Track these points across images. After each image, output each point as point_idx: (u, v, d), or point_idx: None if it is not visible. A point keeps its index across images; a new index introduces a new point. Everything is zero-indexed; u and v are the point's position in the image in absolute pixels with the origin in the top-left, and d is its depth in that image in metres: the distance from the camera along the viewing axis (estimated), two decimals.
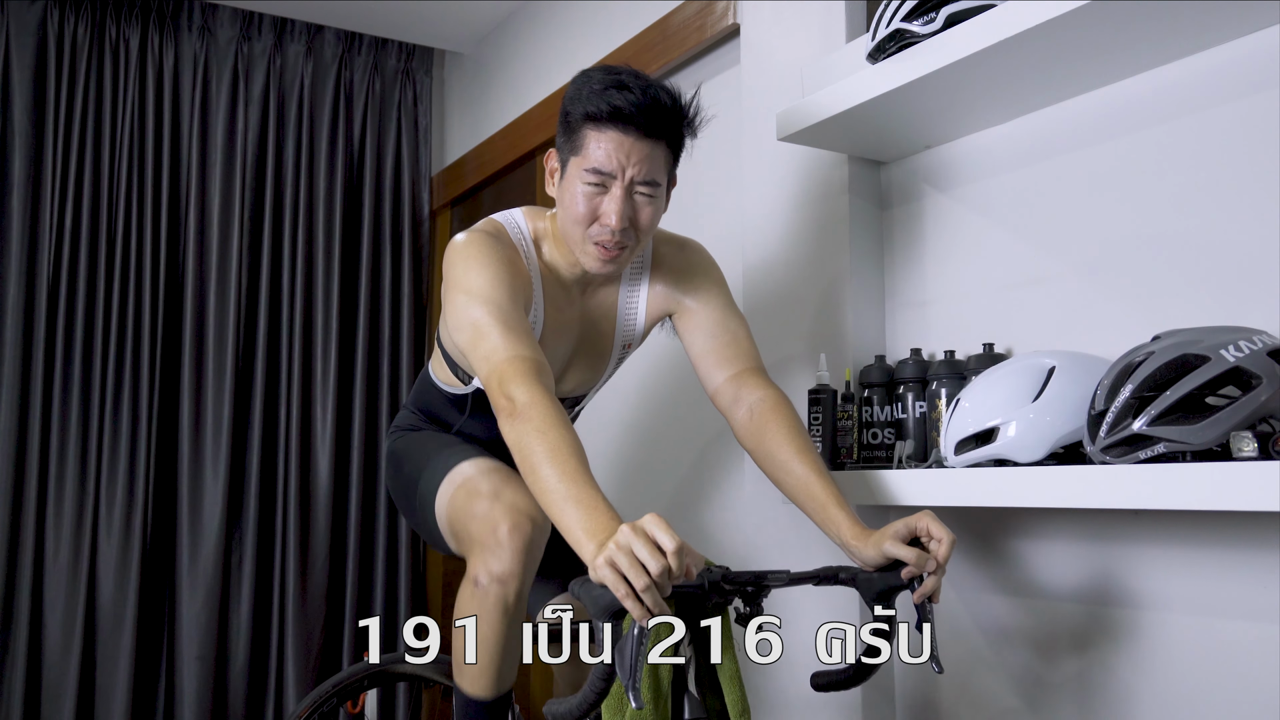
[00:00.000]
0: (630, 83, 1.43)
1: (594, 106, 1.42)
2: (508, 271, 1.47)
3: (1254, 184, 1.36)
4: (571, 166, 1.47)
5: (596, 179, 1.44)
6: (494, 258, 1.47)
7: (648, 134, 1.43)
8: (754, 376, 1.60)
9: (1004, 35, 1.38)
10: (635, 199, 1.46)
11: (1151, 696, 1.46)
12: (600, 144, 1.43)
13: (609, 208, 1.45)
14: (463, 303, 1.44)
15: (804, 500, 1.48)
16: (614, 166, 1.43)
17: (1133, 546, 1.49)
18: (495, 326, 1.39)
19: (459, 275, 1.47)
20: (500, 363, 1.35)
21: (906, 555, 1.33)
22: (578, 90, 1.46)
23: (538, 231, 1.60)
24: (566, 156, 1.48)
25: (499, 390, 1.33)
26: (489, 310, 1.41)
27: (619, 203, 1.44)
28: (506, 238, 1.56)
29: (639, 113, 1.41)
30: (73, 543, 2.99)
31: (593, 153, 1.43)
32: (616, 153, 1.43)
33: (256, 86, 3.37)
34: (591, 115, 1.42)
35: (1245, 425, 1.17)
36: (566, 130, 1.48)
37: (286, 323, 3.33)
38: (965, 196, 1.78)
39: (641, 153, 1.44)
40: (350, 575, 3.31)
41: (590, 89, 1.43)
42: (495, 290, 1.43)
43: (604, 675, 1.14)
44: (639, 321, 1.69)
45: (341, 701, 1.83)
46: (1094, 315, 1.56)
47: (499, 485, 1.48)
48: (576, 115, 1.44)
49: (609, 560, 1.10)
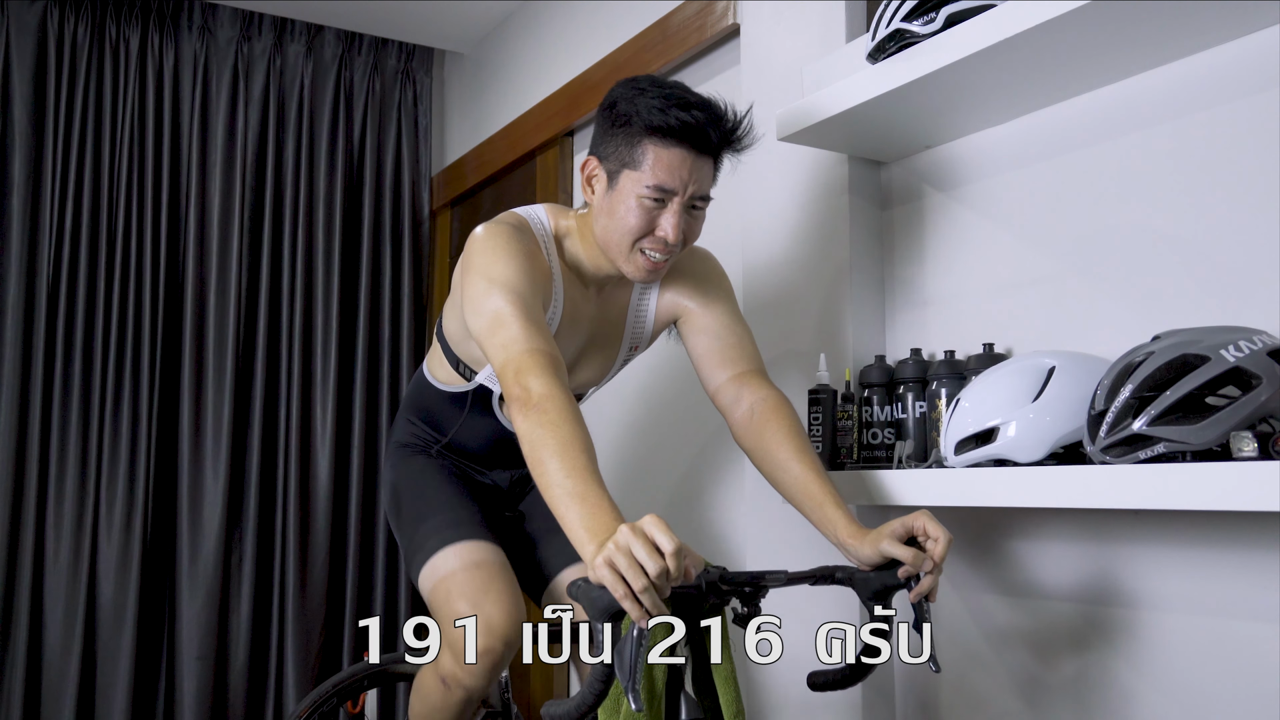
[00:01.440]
0: (693, 99, 1.43)
1: (661, 120, 1.40)
2: (530, 264, 1.47)
3: (1254, 184, 1.36)
4: (627, 179, 1.45)
5: (658, 195, 1.44)
6: (518, 250, 1.47)
7: (709, 151, 1.44)
8: (756, 377, 1.61)
9: (1004, 35, 1.38)
10: (691, 212, 1.48)
11: (1151, 697, 1.46)
12: (664, 160, 1.42)
13: (668, 223, 1.46)
14: (484, 289, 1.43)
15: (801, 499, 1.49)
16: (677, 184, 1.43)
17: (1132, 546, 1.49)
18: (517, 317, 1.38)
19: (483, 263, 1.46)
20: (519, 353, 1.35)
21: (903, 554, 1.33)
22: (633, 101, 1.43)
23: (560, 229, 1.60)
24: (619, 167, 1.46)
25: (515, 380, 1.33)
26: (510, 300, 1.40)
27: (677, 217, 1.45)
28: (530, 232, 1.55)
29: (706, 127, 1.42)
30: (73, 543, 3.00)
31: (656, 169, 1.42)
32: (680, 169, 1.43)
33: (256, 86, 3.37)
34: (658, 129, 1.41)
35: (1245, 425, 1.17)
36: (622, 141, 1.45)
37: (286, 323, 3.33)
38: (965, 196, 1.78)
39: (702, 169, 1.45)
40: (350, 575, 3.31)
41: (651, 102, 1.42)
42: (518, 281, 1.43)
43: (603, 676, 1.14)
44: (648, 325, 1.71)
45: (341, 701, 1.83)
46: (1094, 315, 1.56)
47: (479, 595, 1.51)
48: (638, 127, 1.42)
49: (608, 560, 1.10)
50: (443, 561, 1.57)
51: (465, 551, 1.57)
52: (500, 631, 1.49)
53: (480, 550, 1.58)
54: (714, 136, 1.43)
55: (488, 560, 1.56)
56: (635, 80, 1.48)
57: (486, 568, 1.55)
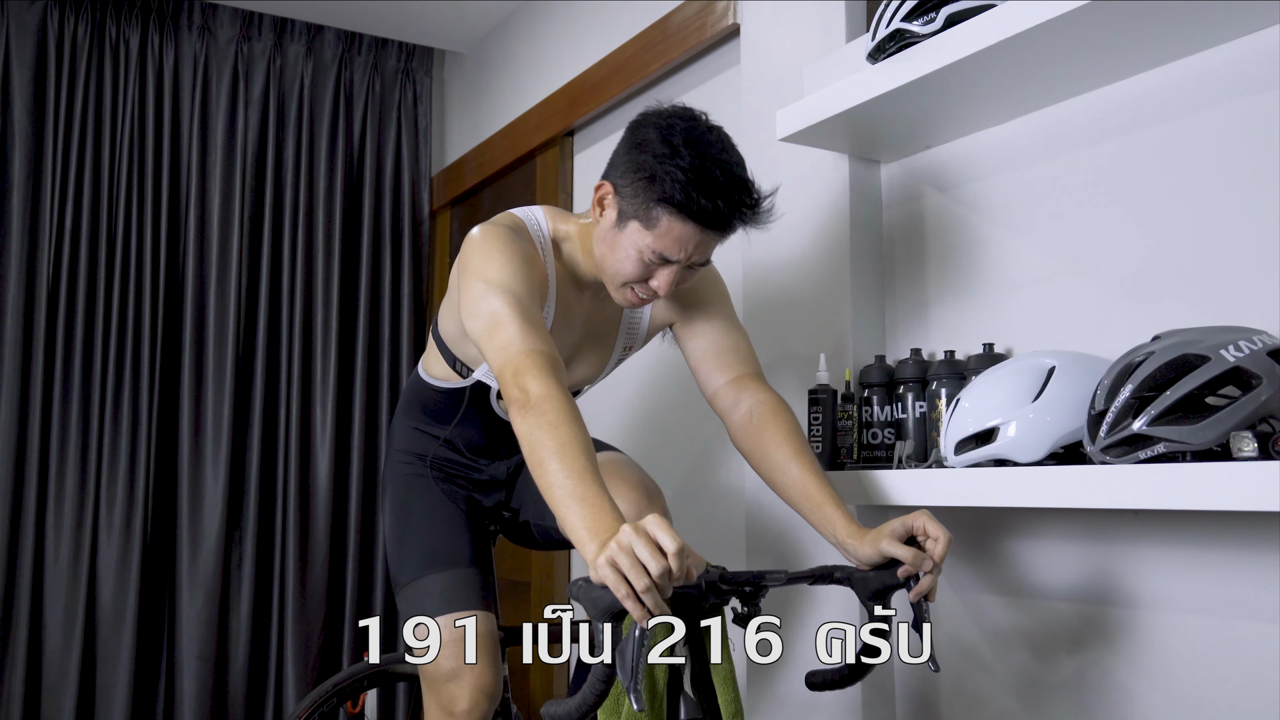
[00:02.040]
0: (722, 178, 1.39)
1: (682, 200, 1.38)
2: (526, 266, 1.47)
3: (1254, 184, 1.36)
4: (635, 230, 1.44)
5: (661, 259, 1.44)
6: (515, 252, 1.47)
7: (723, 233, 1.44)
8: (754, 381, 1.62)
9: (1004, 35, 1.38)
10: (687, 271, 1.48)
11: (1151, 697, 1.46)
12: (675, 235, 1.41)
13: (662, 281, 1.46)
14: (481, 291, 1.43)
15: (800, 500, 1.49)
16: (682, 255, 1.44)
17: (1132, 546, 1.49)
18: (514, 318, 1.38)
19: (479, 264, 1.46)
20: (517, 354, 1.35)
21: (902, 554, 1.33)
22: (660, 163, 1.39)
23: (558, 233, 1.60)
24: (631, 213, 1.44)
25: (513, 381, 1.33)
26: (508, 301, 1.40)
27: (674, 276, 1.46)
28: (526, 234, 1.55)
29: (721, 218, 1.41)
30: (73, 543, 2.99)
31: (664, 239, 1.42)
32: (688, 245, 1.43)
33: (256, 86, 3.37)
34: (673, 203, 1.39)
35: (1245, 425, 1.17)
36: (638, 189, 1.42)
37: (286, 323, 3.33)
38: (965, 196, 1.78)
39: (710, 242, 1.45)
40: (350, 575, 3.32)
41: (676, 173, 1.38)
42: (515, 282, 1.43)
43: (604, 676, 1.14)
44: (642, 328, 1.71)
45: (341, 701, 1.83)
46: (1094, 315, 1.56)
47: (461, 665, 1.60)
48: (658, 193, 1.39)
49: (610, 560, 1.10)
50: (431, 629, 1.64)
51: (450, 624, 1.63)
52: (485, 688, 1.60)
53: (458, 609, 1.64)
54: (733, 225, 1.43)
55: (475, 633, 1.63)
56: (670, 128, 1.41)
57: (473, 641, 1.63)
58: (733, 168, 1.42)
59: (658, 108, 1.48)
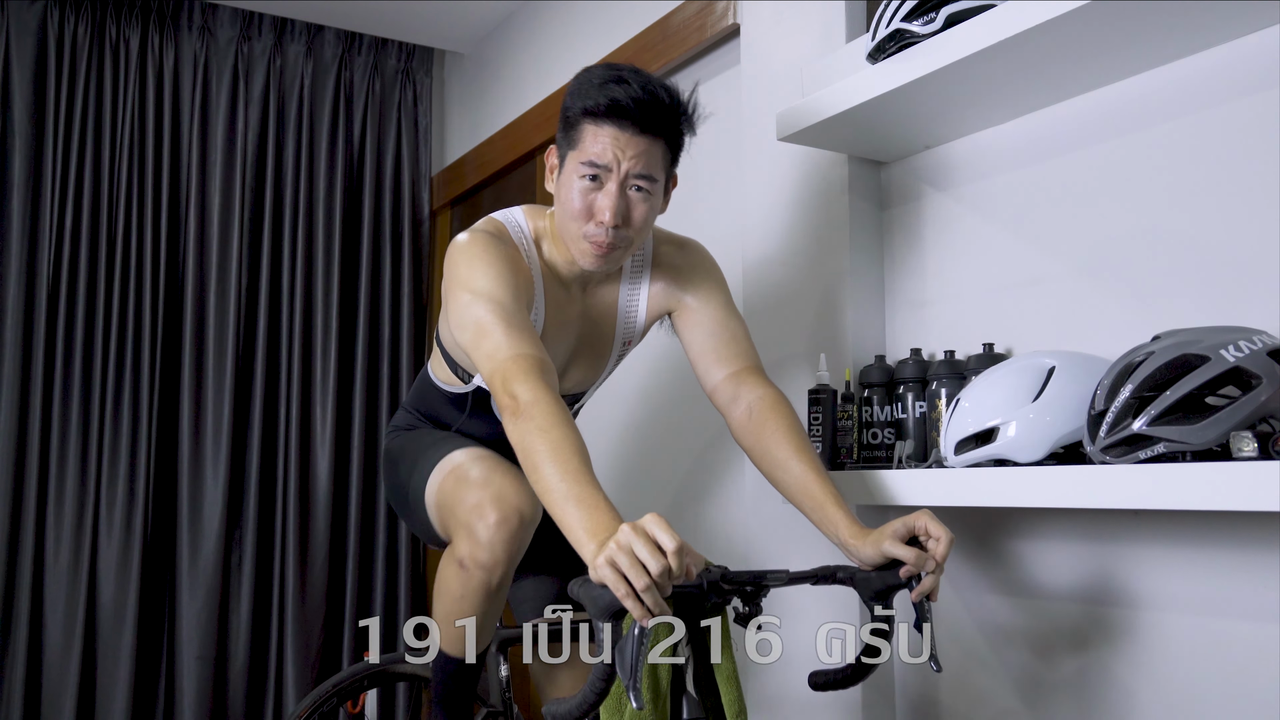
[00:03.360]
0: (629, 78, 1.44)
1: (592, 101, 1.43)
2: (510, 270, 1.47)
3: (1254, 184, 1.36)
4: (569, 161, 1.48)
5: (592, 172, 1.45)
6: (496, 256, 1.48)
7: (645, 129, 1.44)
8: (754, 375, 1.61)
9: (1004, 35, 1.38)
10: (630, 195, 1.47)
11: (1151, 696, 1.46)
12: (597, 138, 1.44)
13: (603, 203, 1.45)
14: (466, 301, 1.44)
15: (802, 499, 1.48)
16: (609, 159, 1.44)
17: (1133, 546, 1.49)
18: (498, 325, 1.39)
19: (462, 274, 1.47)
20: (504, 361, 1.35)
21: (904, 554, 1.33)
22: (578, 86, 1.48)
23: (538, 230, 1.60)
24: (565, 151, 1.49)
25: (502, 389, 1.33)
26: (492, 309, 1.41)
27: (613, 198, 1.45)
28: (508, 236, 1.56)
29: (636, 106, 1.42)
30: (73, 543, 2.99)
31: (589, 146, 1.44)
32: (613, 146, 1.44)
33: (256, 86, 3.37)
34: (590, 110, 1.44)
35: (1245, 425, 1.17)
36: (565, 125, 1.49)
37: (286, 323, 3.34)
38: (965, 196, 1.78)
39: (638, 147, 1.44)
40: (350, 575, 3.31)
41: (590, 84, 1.45)
42: (498, 288, 1.43)
43: (604, 675, 1.14)
44: (639, 319, 1.69)
45: (341, 701, 1.83)
46: (1094, 315, 1.56)
47: (488, 473, 1.49)
48: (575, 110, 1.46)
49: (609, 560, 1.10)
50: (446, 461, 1.57)
51: (472, 451, 1.57)
52: (514, 502, 1.44)
53: (487, 451, 1.59)
54: (646, 113, 1.43)
55: (495, 456, 1.57)
56: (590, 67, 1.51)
57: (491, 458, 1.56)
58: (644, 72, 1.47)
59: None
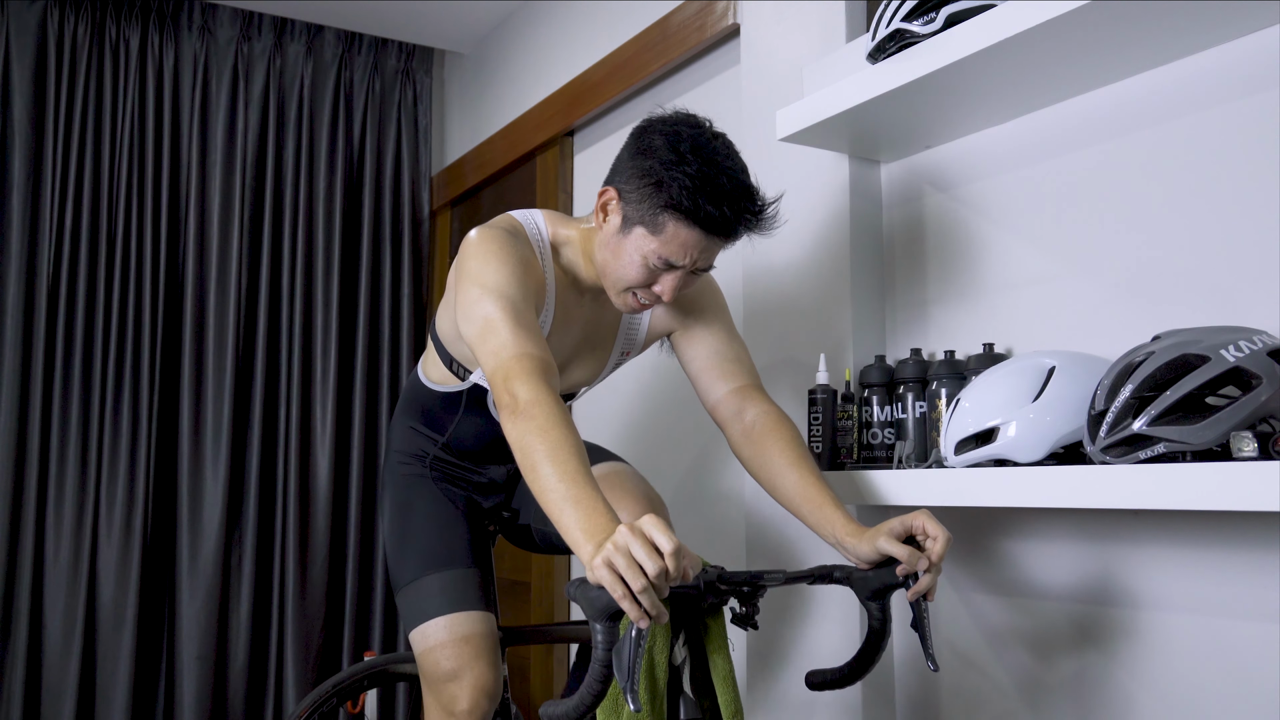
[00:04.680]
0: (728, 186, 1.39)
1: (689, 206, 1.38)
2: (522, 269, 1.47)
3: (1254, 184, 1.36)
4: (640, 235, 1.44)
5: (666, 265, 1.44)
6: (510, 255, 1.47)
7: (727, 239, 1.44)
8: (755, 392, 1.63)
9: (1004, 35, 1.38)
10: (691, 276, 1.48)
11: (1151, 697, 1.46)
12: (680, 240, 1.42)
13: (667, 285, 1.47)
14: (476, 295, 1.43)
15: (799, 503, 1.49)
16: (687, 261, 1.44)
17: (1133, 546, 1.49)
18: (506, 322, 1.38)
19: (474, 268, 1.46)
20: (507, 359, 1.35)
21: (900, 553, 1.33)
22: (667, 170, 1.39)
23: (557, 237, 1.59)
24: (636, 218, 1.44)
25: (503, 386, 1.33)
26: (501, 305, 1.40)
27: (678, 281, 1.46)
28: (524, 237, 1.55)
29: (727, 225, 1.41)
30: (73, 543, 3.00)
31: (669, 244, 1.42)
32: (694, 249, 1.43)
33: (256, 86, 3.37)
34: (680, 209, 1.39)
35: (1245, 425, 1.17)
36: (644, 195, 1.42)
37: (286, 323, 3.33)
38: (965, 196, 1.78)
39: (715, 248, 1.46)
40: (350, 575, 3.32)
41: (682, 180, 1.38)
42: (509, 286, 1.43)
43: (601, 677, 1.14)
44: (640, 335, 1.72)
45: (341, 701, 1.83)
46: (1094, 315, 1.56)
47: (462, 665, 1.60)
48: (664, 199, 1.40)
49: (606, 561, 1.10)
50: (433, 631, 1.63)
51: (455, 625, 1.62)
52: (486, 688, 1.60)
53: (468, 623, 1.63)
54: (738, 231, 1.43)
55: (475, 633, 1.63)
56: (677, 135, 1.42)
57: (474, 641, 1.62)
58: (738, 174, 1.42)
59: (662, 114, 1.48)
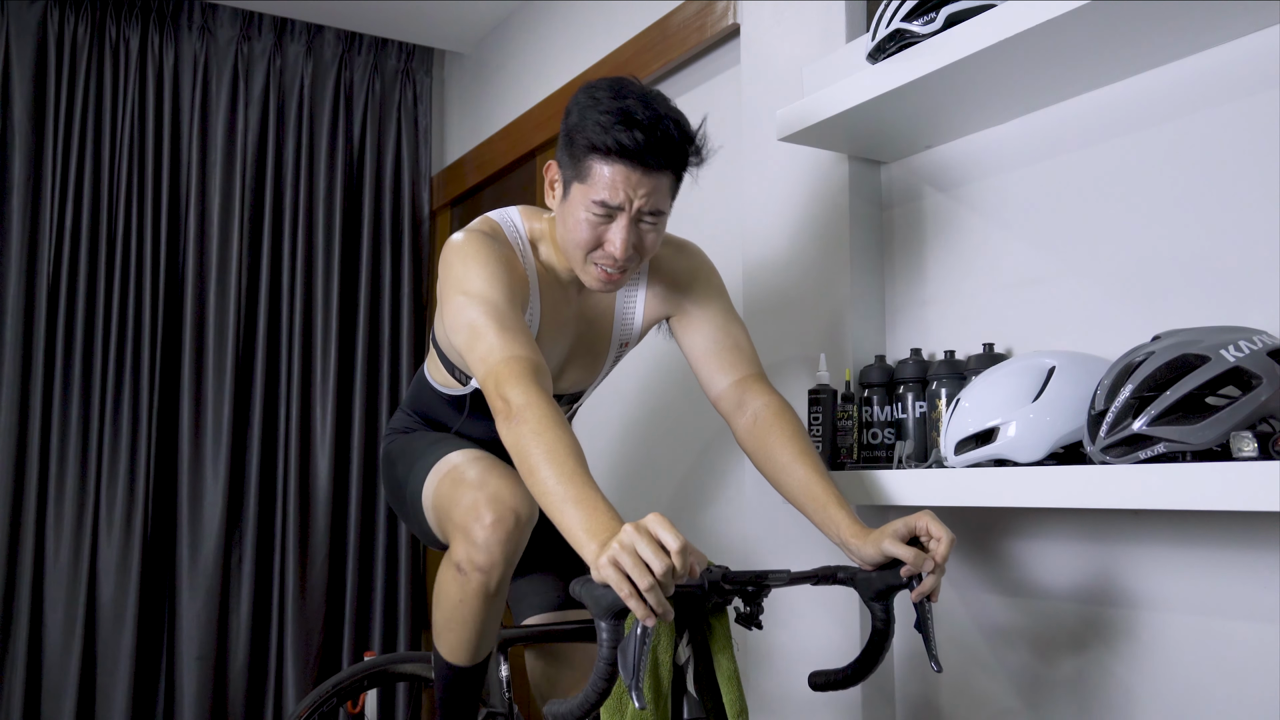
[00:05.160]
0: (639, 114, 1.38)
1: (600, 139, 1.38)
2: (504, 270, 1.46)
3: (1254, 184, 1.37)
4: (576, 191, 1.44)
5: (603, 210, 1.42)
6: (489, 257, 1.46)
7: (655, 168, 1.41)
8: (758, 382, 1.61)
9: (1004, 35, 1.38)
10: (640, 226, 1.45)
11: (1151, 696, 1.46)
12: (607, 177, 1.40)
13: (614, 237, 1.44)
14: (460, 304, 1.43)
15: (804, 501, 1.49)
16: (621, 200, 1.41)
17: (1133, 546, 1.49)
18: (491, 327, 1.38)
19: (456, 276, 1.46)
20: (496, 364, 1.34)
21: (904, 554, 1.33)
22: (583, 114, 1.41)
23: (534, 232, 1.59)
24: (570, 177, 1.44)
25: (495, 392, 1.33)
26: (485, 311, 1.39)
27: (624, 232, 1.43)
28: (503, 236, 1.55)
29: (646, 149, 1.39)
30: (73, 543, 2.99)
31: (598, 185, 1.41)
32: (624, 186, 1.40)
33: (256, 86, 3.37)
34: (600, 148, 1.39)
35: (1245, 425, 1.17)
36: (570, 151, 1.43)
37: (286, 323, 3.34)
38: (965, 196, 1.78)
39: (649, 185, 1.42)
40: (350, 575, 3.32)
41: (597, 118, 1.39)
42: (492, 290, 1.42)
43: (606, 675, 1.14)
44: (636, 323, 1.69)
45: (341, 701, 1.83)
46: (1094, 315, 1.56)
47: (484, 474, 1.48)
48: (581, 144, 1.40)
49: (612, 559, 1.10)
50: (443, 463, 1.56)
51: (469, 452, 1.57)
52: (509, 502, 1.43)
53: (483, 452, 1.58)
54: (659, 157, 1.41)
55: (491, 457, 1.56)
56: (594, 87, 1.44)
57: (487, 458, 1.55)
58: (654, 103, 1.41)
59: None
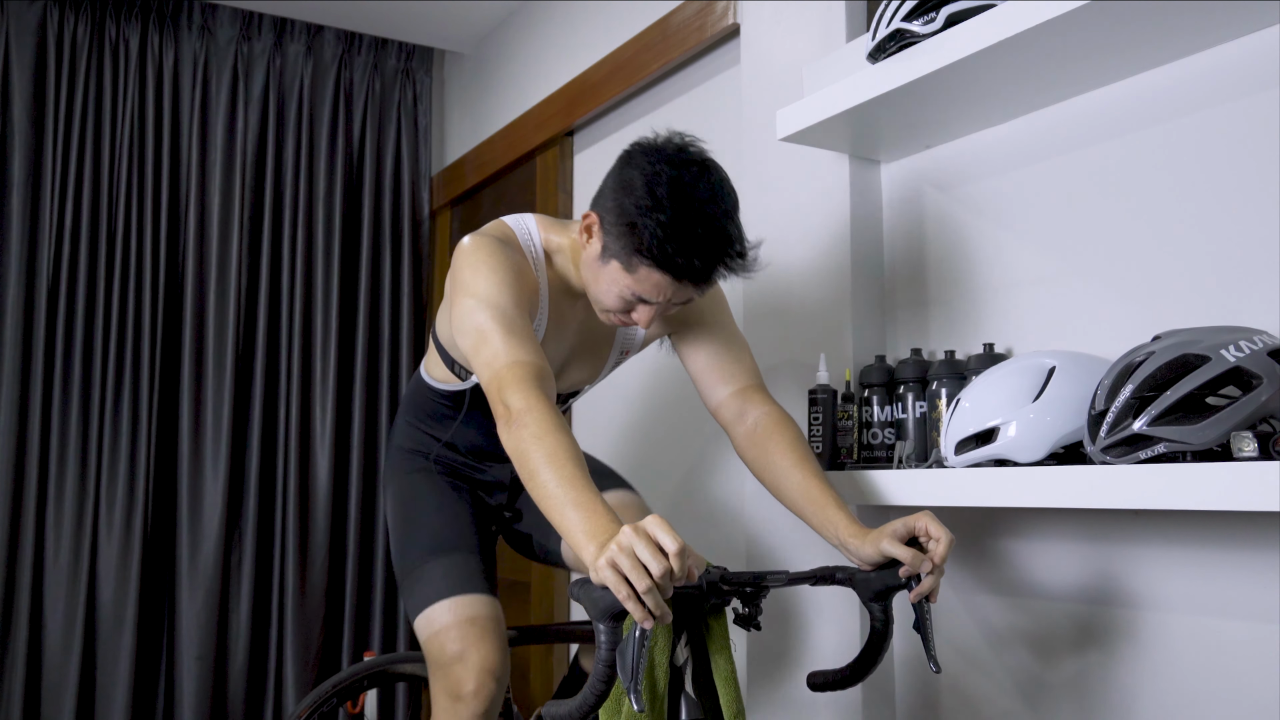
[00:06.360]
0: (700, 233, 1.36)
1: (656, 252, 1.36)
2: (514, 276, 1.47)
3: (1254, 184, 1.36)
4: (615, 268, 1.42)
5: (638, 300, 1.44)
6: (501, 263, 1.47)
7: (700, 284, 1.42)
8: (758, 393, 1.63)
9: (1004, 35, 1.38)
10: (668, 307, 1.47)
11: (1151, 697, 1.46)
12: (653, 282, 1.40)
13: (642, 317, 1.46)
14: (469, 307, 1.43)
15: (803, 504, 1.49)
16: (661, 299, 1.43)
17: (1133, 546, 1.49)
18: (498, 331, 1.39)
19: (466, 279, 1.46)
20: (500, 369, 1.35)
21: (903, 554, 1.33)
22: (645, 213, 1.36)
23: (550, 244, 1.59)
24: (613, 251, 1.42)
25: (498, 396, 1.33)
26: (493, 315, 1.40)
27: (652, 314, 1.46)
28: (516, 244, 1.55)
29: (699, 274, 1.39)
30: (73, 543, 3.00)
31: (642, 283, 1.41)
32: (666, 290, 1.42)
33: (256, 86, 3.37)
34: (654, 259, 1.37)
35: (1245, 425, 1.17)
36: (618, 230, 1.40)
37: (286, 323, 3.34)
38: (965, 196, 1.78)
39: (690, 291, 1.44)
40: (350, 575, 3.32)
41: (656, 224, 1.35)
42: (500, 295, 1.43)
43: (604, 677, 1.14)
44: (638, 337, 1.72)
45: (341, 701, 1.83)
46: (1094, 315, 1.56)
47: (467, 646, 1.56)
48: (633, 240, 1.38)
49: (610, 561, 1.10)
50: (438, 614, 1.60)
51: (459, 607, 1.60)
52: (492, 669, 1.56)
53: (474, 605, 1.61)
54: (708, 280, 1.42)
55: (481, 615, 1.60)
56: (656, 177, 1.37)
57: (480, 622, 1.60)
58: (716, 220, 1.38)
59: (650, 141, 1.44)
